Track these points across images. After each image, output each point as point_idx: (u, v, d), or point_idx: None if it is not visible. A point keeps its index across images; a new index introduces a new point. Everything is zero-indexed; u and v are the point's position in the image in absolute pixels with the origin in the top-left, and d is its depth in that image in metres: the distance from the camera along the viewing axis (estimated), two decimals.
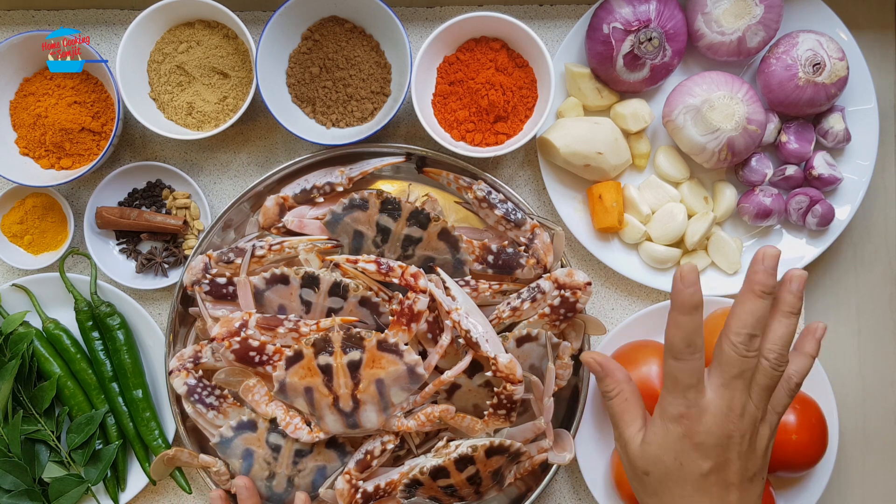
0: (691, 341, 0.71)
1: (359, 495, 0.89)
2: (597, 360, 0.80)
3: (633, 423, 0.77)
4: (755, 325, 0.71)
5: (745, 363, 0.71)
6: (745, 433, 0.72)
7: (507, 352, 0.86)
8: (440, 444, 0.89)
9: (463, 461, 0.86)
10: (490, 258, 0.93)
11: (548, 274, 0.92)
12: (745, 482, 0.73)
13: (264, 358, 0.89)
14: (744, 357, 0.71)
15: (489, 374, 0.86)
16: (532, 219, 0.94)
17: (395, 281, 0.88)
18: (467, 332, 0.86)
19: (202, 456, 0.93)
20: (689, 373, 0.72)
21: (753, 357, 0.71)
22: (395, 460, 0.93)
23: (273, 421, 0.90)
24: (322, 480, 0.91)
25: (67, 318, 1.01)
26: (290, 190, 0.96)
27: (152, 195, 1.02)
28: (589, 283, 0.90)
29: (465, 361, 0.87)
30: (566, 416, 0.98)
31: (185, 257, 1.01)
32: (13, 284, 1.00)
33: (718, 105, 0.94)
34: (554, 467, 0.95)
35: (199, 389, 0.92)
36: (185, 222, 1.01)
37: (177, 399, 0.96)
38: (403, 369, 0.87)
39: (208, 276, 0.93)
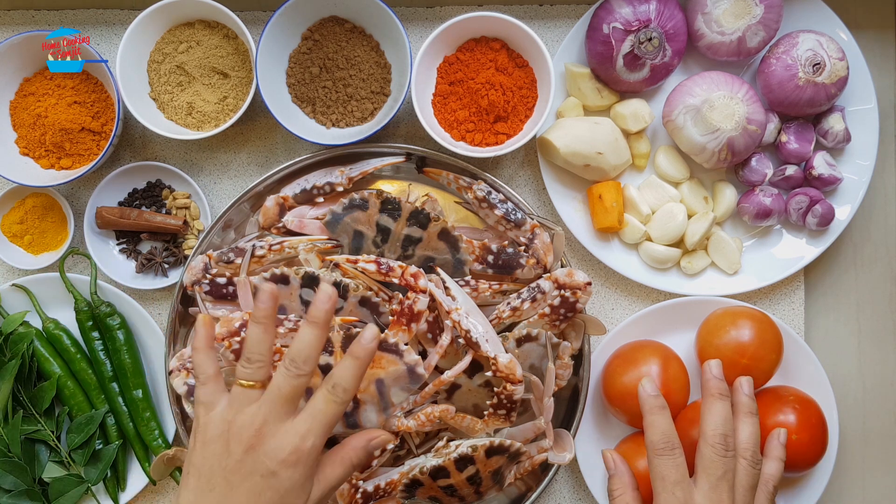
0: (668, 437, 0.82)
1: (359, 495, 0.89)
2: (613, 458, 0.88)
3: None
4: (725, 425, 0.82)
5: (726, 463, 0.81)
6: None
7: (507, 352, 0.86)
8: (440, 444, 0.89)
9: (463, 461, 0.86)
10: (490, 258, 0.93)
11: (548, 274, 0.92)
12: None
13: None
14: (723, 457, 0.81)
15: (489, 374, 0.86)
16: (532, 219, 0.94)
17: (395, 281, 0.88)
18: (467, 332, 0.86)
19: None
20: (674, 467, 0.81)
21: (731, 456, 0.81)
22: (395, 460, 0.93)
23: None
24: None
25: (67, 318, 1.01)
26: (290, 190, 0.96)
27: (152, 195, 1.02)
28: (589, 283, 0.90)
29: (465, 361, 0.87)
30: (566, 416, 0.98)
31: (185, 257, 1.01)
32: (13, 284, 1.00)
33: (718, 105, 0.94)
34: (554, 467, 0.95)
35: None
36: (185, 222, 1.01)
37: (177, 399, 0.96)
38: (403, 369, 0.87)
39: (208, 276, 0.93)
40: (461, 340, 0.88)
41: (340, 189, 0.96)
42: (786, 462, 0.91)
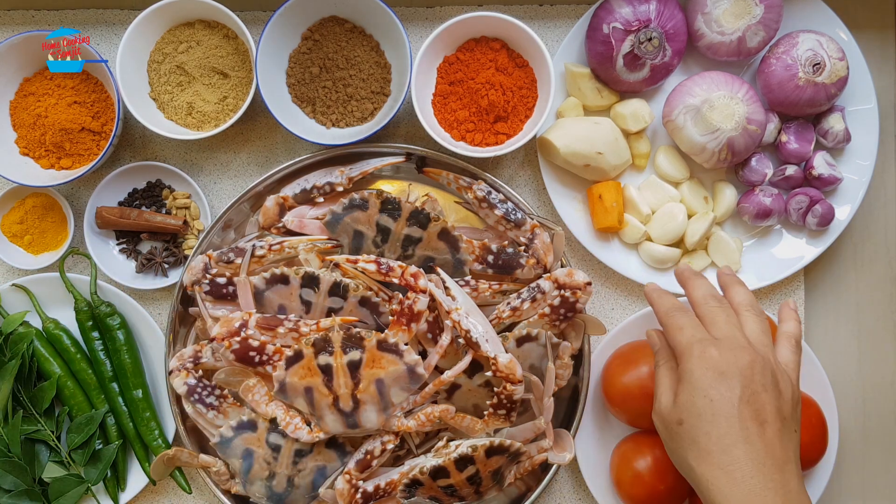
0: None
1: (359, 495, 0.89)
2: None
3: (668, 388, 0.78)
4: (713, 290, 0.80)
5: (723, 311, 0.77)
6: (764, 367, 0.73)
7: (507, 352, 0.86)
8: (440, 444, 0.89)
9: (463, 461, 0.86)
10: (490, 258, 0.93)
11: (548, 274, 0.92)
12: (779, 421, 0.72)
13: (264, 358, 0.89)
14: (718, 307, 0.77)
15: (489, 374, 0.86)
16: (532, 219, 0.94)
17: (395, 281, 0.88)
18: (467, 332, 0.86)
19: (202, 456, 0.93)
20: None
21: (727, 307, 0.78)
22: (395, 460, 0.93)
23: (273, 421, 0.90)
24: (322, 480, 0.91)
25: (67, 318, 1.01)
26: (290, 190, 0.96)
27: (152, 195, 1.02)
28: (589, 283, 0.90)
29: (465, 361, 0.87)
30: (566, 416, 0.98)
31: (185, 257, 1.01)
32: (13, 284, 1.00)
33: (718, 105, 0.94)
34: (554, 467, 0.95)
35: (199, 389, 0.92)
36: (185, 222, 1.01)
37: (177, 399, 0.96)
38: (403, 369, 0.87)
39: (208, 276, 0.93)
40: (461, 340, 0.88)
41: (340, 189, 0.96)
42: None
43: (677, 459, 0.76)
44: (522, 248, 0.93)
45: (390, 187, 1.01)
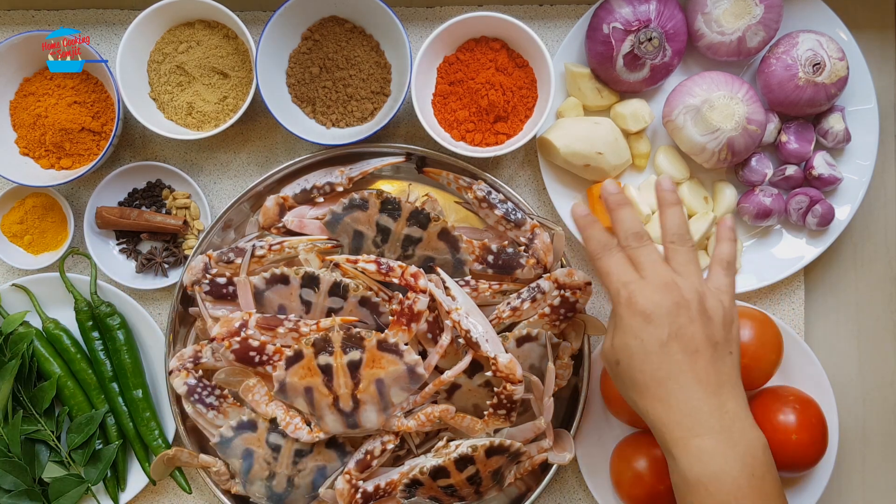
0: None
1: (359, 495, 0.89)
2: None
3: (610, 331, 0.81)
4: (634, 225, 0.80)
5: (645, 250, 0.78)
6: (690, 300, 0.76)
7: (507, 352, 0.87)
8: (440, 444, 0.89)
9: (463, 461, 0.86)
10: (490, 258, 0.93)
11: (548, 274, 0.92)
12: (709, 349, 0.75)
13: (264, 358, 0.89)
14: (639, 247, 0.79)
15: (489, 374, 0.86)
16: (532, 219, 0.94)
17: (395, 281, 0.88)
18: (467, 332, 0.86)
19: (202, 456, 0.93)
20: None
21: (647, 244, 0.79)
22: (395, 460, 0.93)
23: (273, 421, 0.90)
24: (322, 480, 0.91)
25: (67, 318, 1.01)
26: (290, 190, 0.96)
27: (152, 195, 1.02)
28: (589, 283, 0.90)
29: (465, 361, 0.87)
30: (566, 416, 0.98)
31: (185, 257, 1.01)
32: (13, 284, 1.00)
33: (718, 105, 0.94)
34: (554, 467, 0.95)
35: (199, 389, 0.92)
36: (185, 222, 1.01)
37: (177, 399, 0.96)
38: (403, 369, 0.87)
39: (208, 276, 0.93)
40: (461, 340, 0.88)
41: (340, 189, 0.96)
42: (785, 463, 0.91)
43: (623, 394, 0.80)
44: (522, 248, 0.93)
45: (390, 187, 1.01)
